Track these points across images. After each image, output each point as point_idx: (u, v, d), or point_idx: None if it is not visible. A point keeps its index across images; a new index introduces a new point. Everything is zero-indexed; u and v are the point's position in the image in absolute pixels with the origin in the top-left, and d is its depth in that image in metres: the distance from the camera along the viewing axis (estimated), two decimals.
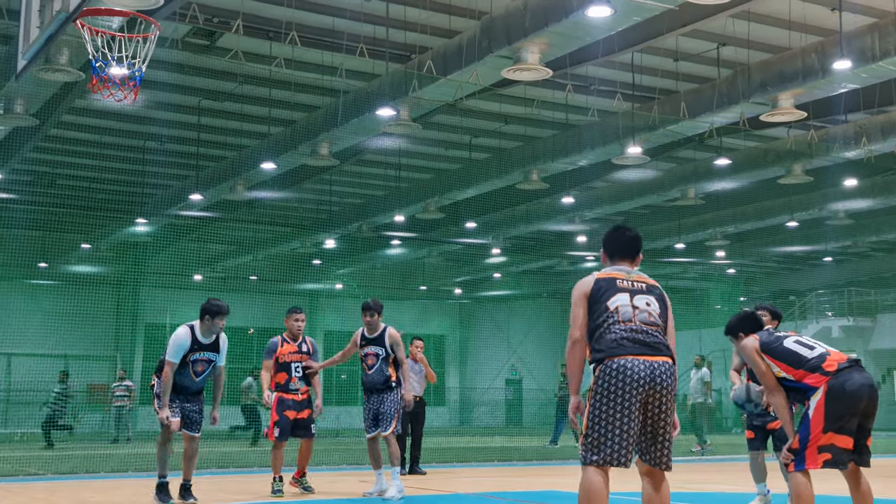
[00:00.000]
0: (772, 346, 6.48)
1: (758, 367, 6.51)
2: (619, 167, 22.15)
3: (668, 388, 5.12)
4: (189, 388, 8.81)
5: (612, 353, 5.12)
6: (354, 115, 18.15)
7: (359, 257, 33.59)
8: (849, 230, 29.59)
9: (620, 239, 5.66)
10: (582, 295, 5.37)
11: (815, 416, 6.10)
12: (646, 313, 5.31)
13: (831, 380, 6.08)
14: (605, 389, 5.07)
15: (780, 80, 16.41)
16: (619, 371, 5.06)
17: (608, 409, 5.05)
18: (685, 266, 36.07)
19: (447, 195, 24.96)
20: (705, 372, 20.10)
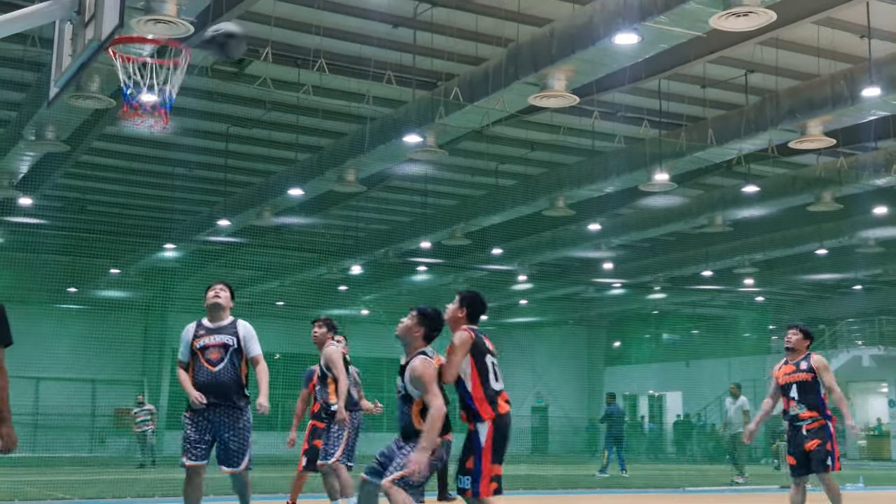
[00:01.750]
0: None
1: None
2: (645, 194, 22.06)
3: None
4: (209, 385, 7.13)
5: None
6: (381, 141, 18.24)
7: (385, 283, 33.62)
8: (879, 258, 29.27)
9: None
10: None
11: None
12: None
13: None
14: None
15: (809, 106, 16.33)
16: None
17: None
18: (713, 293, 35.82)
19: (473, 221, 24.96)
20: (744, 400, 19.71)
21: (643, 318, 42.39)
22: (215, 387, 7.18)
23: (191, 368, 7.30)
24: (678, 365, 40.06)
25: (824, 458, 8.44)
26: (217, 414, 7.17)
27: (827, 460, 8.45)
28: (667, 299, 37.18)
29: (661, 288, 33.83)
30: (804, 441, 8.55)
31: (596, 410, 41.67)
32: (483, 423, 6.04)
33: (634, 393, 44.16)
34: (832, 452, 8.48)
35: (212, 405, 7.15)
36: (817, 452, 8.46)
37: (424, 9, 14.79)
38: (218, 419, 7.18)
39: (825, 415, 8.56)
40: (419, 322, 6.18)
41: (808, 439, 8.53)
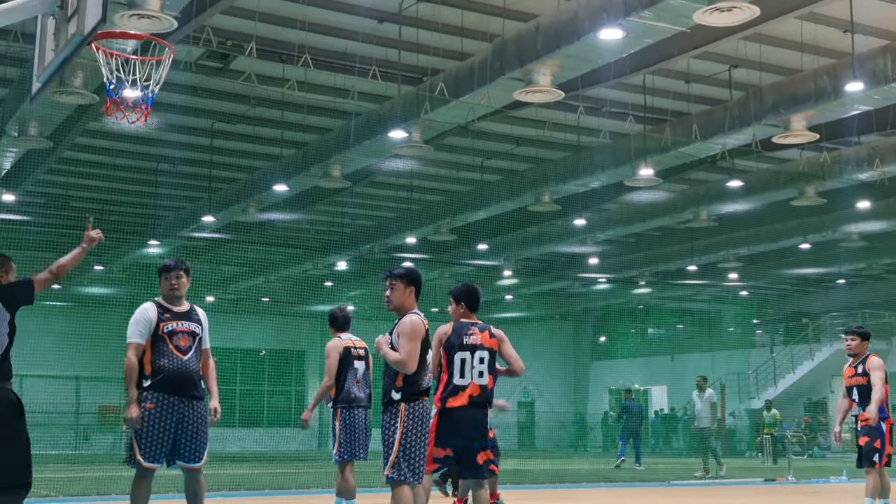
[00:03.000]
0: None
1: None
2: (630, 189, 22.12)
3: None
4: (178, 374, 6.69)
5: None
6: (366, 137, 18.21)
7: (371, 279, 33.54)
8: (862, 252, 29.43)
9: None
10: None
11: None
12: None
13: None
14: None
15: (793, 101, 16.40)
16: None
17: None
18: (698, 288, 35.94)
19: (459, 217, 24.96)
20: (710, 393, 19.41)
21: (629, 312, 42.51)
22: (184, 376, 6.71)
23: (149, 354, 6.74)
24: (663, 359, 40.20)
25: (871, 455, 9.07)
26: (183, 406, 6.69)
27: (874, 457, 9.06)
28: (652, 294, 37.30)
29: (646, 283, 33.94)
30: (859, 437, 9.24)
31: (582, 405, 41.82)
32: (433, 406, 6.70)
33: (620, 388, 44.33)
34: (880, 450, 9.05)
35: (178, 397, 6.68)
36: (865, 447, 9.11)
37: (409, 4, 14.77)
38: (183, 412, 6.68)
39: (880, 416, 9.13)
40: (404, 283, 6.45)
41: (861, 435, 9.21)
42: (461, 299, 7.14)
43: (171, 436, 6.60)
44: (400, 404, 6.26)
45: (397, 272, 6.52)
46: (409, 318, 6.36)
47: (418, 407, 6.26)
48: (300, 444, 34.18)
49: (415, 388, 6.29)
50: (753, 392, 36.76)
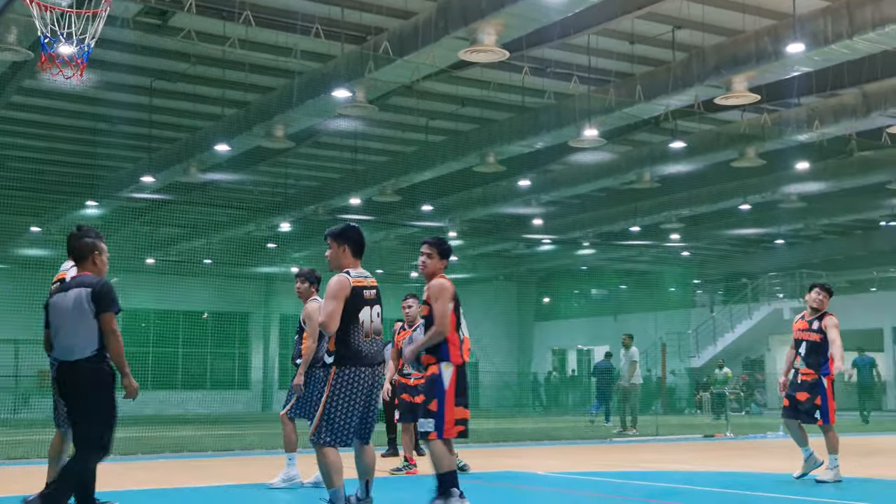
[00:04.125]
0: None
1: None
2: (575, 150, 22.19)
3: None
4: None
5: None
6: (310, 96, 18.00)
7: (315, 240, 33.33)
8: (801, 213, 29.95)
9: (362, 238, 6.55)
10: None
11: None
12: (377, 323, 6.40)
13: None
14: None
15: (734, 63, 16.53)
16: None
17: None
18: (640, 249, 36.34)
19: (404, 178, 24.87)
20: (633, 352, 19.31)
21: (572, 273, 42.86)
22: None
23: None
24: (606, 319, 40.67)
25: (811, 412, 9.15)
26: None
27: (815, 413, 9.12)
28: (596, 255, 37.62)
29: (589, 244, 34.20)
30: (798, 390, 9.23)
31: (526, 365, 42.19)
32: (449, 365, 6.45)
33: (564, 347, 44.79)
34: (823, 407, 9.11)
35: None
36: (805, 404, 9.15)
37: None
38: None
39: (823, 371, 9.16)
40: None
41: (800, 389, 9.20)
42: (441, 251, 6.89)
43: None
44: (331, 368, 6.20)
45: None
46: (336, 277, 6.29)
47: (348, 372, 6.12)
48: (244, 406, 34.08)
49: (348, 352, 6.16)
50: (693, 351, 37.39)
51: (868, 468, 11.17)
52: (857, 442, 16.81)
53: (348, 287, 6.20)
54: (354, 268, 6.39)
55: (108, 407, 6.08)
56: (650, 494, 8.63)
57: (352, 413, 6.14)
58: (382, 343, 6.48)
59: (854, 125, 20.43)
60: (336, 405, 6.10)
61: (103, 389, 6.07)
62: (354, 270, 6.37)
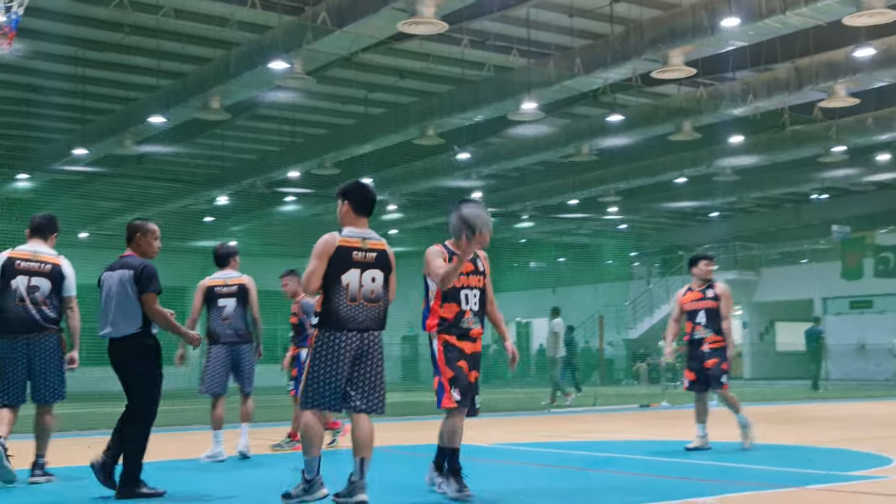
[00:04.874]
0: None
1: None
2: (514, 123, 22.26)
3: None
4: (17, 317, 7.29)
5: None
6: (247, 67, 17.79)
7: (254, 214, 33.12)
8: (735, 186, 30.44)
9: (367, 195, 6.22)
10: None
11: None
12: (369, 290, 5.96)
13: None
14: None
15: (671, 36, 16.69)
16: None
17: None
18: (579, 222, 36.64)
19: (343, 150, 24.74)
20: (554, 323, 19.32)
21: (512, 246, 43.06)
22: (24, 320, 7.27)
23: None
24: (545, 292, 40.96)
25: (719, 376, 9.25)
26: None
27: (722, 377, 9.26)
28: (535, 228, 37.83)
29: (529, 217, 34.39)
30: (705, 359, 9.29)
31: None
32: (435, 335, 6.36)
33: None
34: (728, 371, 9.33)
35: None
36: (714, 370, 9.25)
37: None
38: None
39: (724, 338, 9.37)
40: (341, 195, 6.27)
41: (708, 357, 9.29)
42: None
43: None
44: (313, 330, 5.93)
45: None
46: (324, 235, 6.01)
47: (329, 336, 5.81)
48: (184, 382, 33.68)
49: (328, 315, 5.83)
50: (631, 323, 37.88)
51: (794, 435, 11.48)
52: (785, 409, 17.25)
53: (333, 246, 5.88)
54: (357, 226, 6.05)
55: (152, 377, 6.58)
56: (591, 463, 8.77)
57: (334, 377, 5.80)
58: (382, 310, 6.02)
59: (787, 99, 20.81)
60: (317, 368, 5.81)
61: (148, 360, 6.57)
62: (353, 229, 6.02)
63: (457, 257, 6.24)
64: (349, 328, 5.84)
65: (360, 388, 5.91)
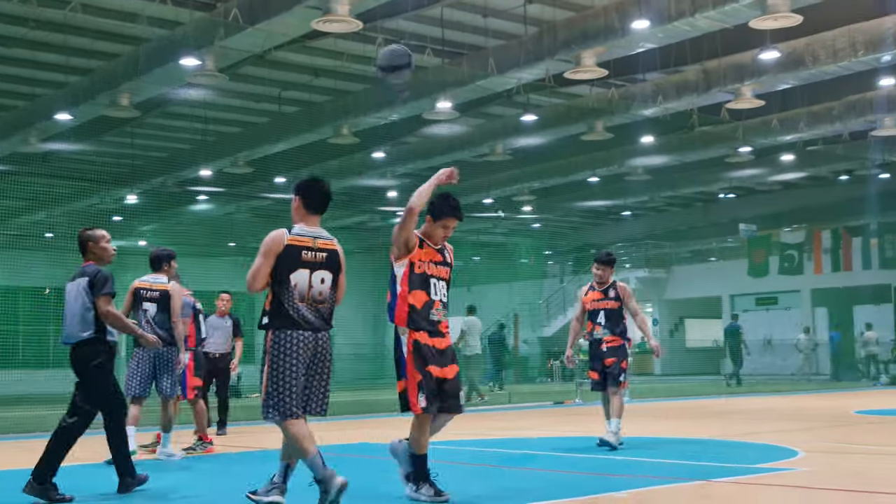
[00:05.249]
0: None
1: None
2: (429, 122, 22.29)
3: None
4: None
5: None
6: (157, 64, 17.47)
7: (164, 213, 32.49)
8: (646, 186, 30.98)
9: (319, 191, 6.01)
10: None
11: None
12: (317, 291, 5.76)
13: None
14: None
15: (584, 38, 16.90)
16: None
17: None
18: (494, 221, 36.84)
19: (256, 149, 24.46)
20: (464, 321, 19.49)
21: None
22: None
23: None
24: (460, 291, 41.12)
25: (618, 374, 9.25)
26: None
27: (620, 376, 9.26)
28: None
29: None
30: (605, 357, 9.29)
31: (382, 338, 42.28)
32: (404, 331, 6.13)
33: None
34: (626, 370, 9.33)
35: None
36: (613, 368, 9.23)
37: None
38: None
39: (625, 337, 9.39)
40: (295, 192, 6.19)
41: (607, 356, 9.27)
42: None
43: None
44: (266, 332, 5.60)
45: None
46: (272, 232, 5.75)
47: (282, 336, 5.53)
48: None
49: (278, 314, 5.55)
50: (545, 321, 38.26)
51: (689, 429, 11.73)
52: (696, 404, 17.63)
53: (280, 244, 5.62)
54: (307, 224, 5.83)
55: (107, 378, 6.84)
56: (506, 461, 8.83)
57: (296, 377, 5.54)
58: (329, 311, 5.87)
59: (695, 101, 21.26)
60: (278, 371, 5.51)
61: (104, 363, 6.84)
62: (303, 227, 5.79)
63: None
64: (302, 327, 5.61)
65: (316, 390, 5.71)
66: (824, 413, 14.55)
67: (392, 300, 6.29)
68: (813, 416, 14.07)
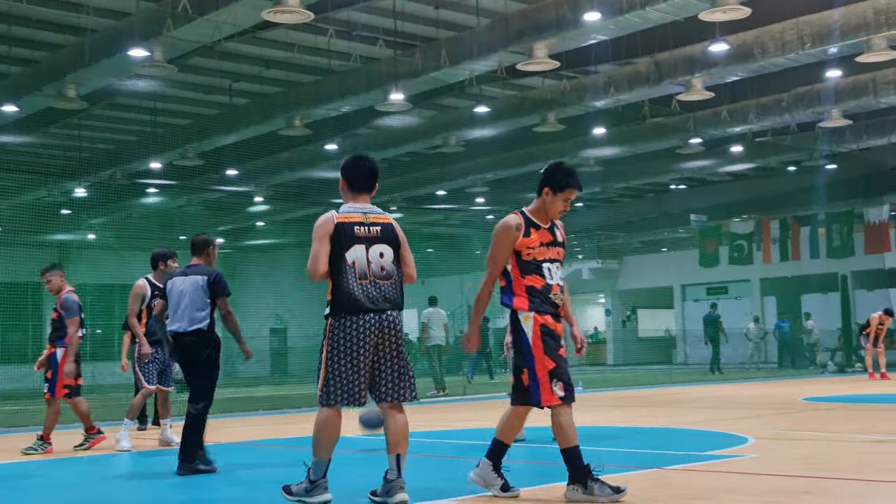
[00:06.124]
0: None
1: None
2: (382, 114, 22.20)
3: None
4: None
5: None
6: (104, 55, 17.21)
7: (113, 206, 32.04)
8: (598, 177, 31.15)
9: (362, 169, 5.86)
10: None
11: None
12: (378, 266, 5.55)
13: None
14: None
15: (536, 30, 16.93)
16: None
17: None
18: (447, 213, 36.87)
19: (207, 141, 24.21)
20: (425, 312, 19.53)
21: None
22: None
23: None
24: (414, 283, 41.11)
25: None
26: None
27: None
28: (404, 219, 37.84)
29: (397, 208, 34.37)
30: None
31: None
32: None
33: None
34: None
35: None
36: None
37: None
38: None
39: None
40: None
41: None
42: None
43: None
44: (327, 320, 5.47)
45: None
46: (321, 216, 5.60)
47: (344, 322, 5.36)
48: (38, 381, 32.40)
49: (339, 298, 5.38)
50: (498, 312, 38.33)
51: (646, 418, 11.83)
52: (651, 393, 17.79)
53: (331, 223, 5.48)
54: (356, 202, 5.68)
55: (212, 367, 7.68)
56: (461, 451, 8.82)
57: (357, 367, 5.36)
58: (396, 289, 5.61)
59: (647, 92, 21.39)
60: (337, 360, 5.36)
61: (213, 352, 7.71)
62: (351, 205, 5.65)
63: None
64: (365, 309, 5.40)
65: (388, 375, 5.52)
66: (773, 401, 14.75)
67: (507, 283, 6.00)
68: (762, 403, 14.25)
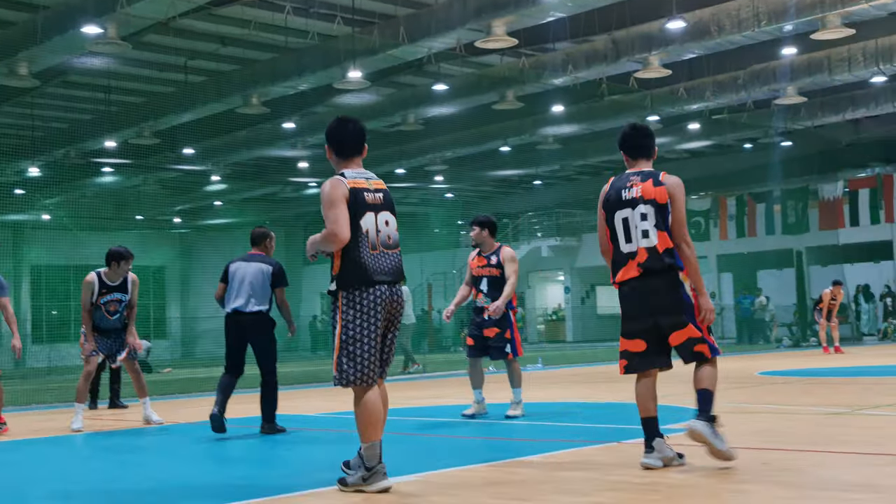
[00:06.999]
0: None
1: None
2: (340, 92, 22.08)
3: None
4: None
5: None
6: (57, 32, 16.94)
7: (67, 186, 31.61)
8: (557, 154, 31.27)
9: (348, 132, 5.54)
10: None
11: None
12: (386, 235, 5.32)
13: None
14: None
15: (494, 7, 16.91)
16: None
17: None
18: (407, 191, 36.80)
19: (162, 119, 23.94)
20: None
21: None
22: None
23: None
24: None
25: (503, 346, 8.92)
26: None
27: (506, 347, 8.91)
28: None
29: None
30: (484, 326, 8.96)
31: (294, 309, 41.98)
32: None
33: None
34: (512, 340, 8.91)
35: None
36: (496, 340, 8.91)
37: None
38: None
39: (509, 306, 8.87)
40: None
41: (488, 326, 8.93)
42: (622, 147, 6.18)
43: None
44: (337, 293, 5.15)
45: None
46: (327, 181, 5.29)
47: (359, 294, 5.08)
48: None
49: (353, 270, 5.10)
50: (458, 290, 38.41)
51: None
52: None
53: (345, 187, 5.15)
54: (350, 167, 5.34)
55: (274, 344, 8.81)
56: (420, 428, 8.86)
57: (375, 341, 5.12)
58: (401, 259, 5.42)
59: (605, 70, 21.48)
60: (354, 336, 5.07)
61: (272, 332, 8.76)
62: (351, 171, 5.31)
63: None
64: (378, 281, 5.15)
65: (388, 353, 5.32)
66: (729, 375, 14.94)
67: (672, 246, 6.00)
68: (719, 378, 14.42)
